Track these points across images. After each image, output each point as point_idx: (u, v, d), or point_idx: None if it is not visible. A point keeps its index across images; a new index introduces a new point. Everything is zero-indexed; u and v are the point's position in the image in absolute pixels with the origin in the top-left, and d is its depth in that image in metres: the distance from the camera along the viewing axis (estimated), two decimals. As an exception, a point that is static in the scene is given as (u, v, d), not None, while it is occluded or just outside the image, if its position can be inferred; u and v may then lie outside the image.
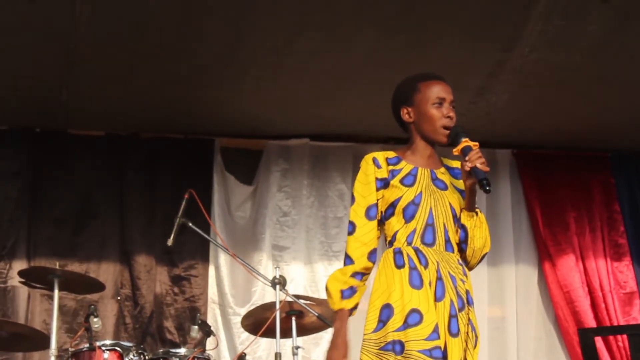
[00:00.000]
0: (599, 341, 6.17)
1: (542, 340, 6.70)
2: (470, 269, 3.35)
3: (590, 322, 6.56)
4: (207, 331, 5.15)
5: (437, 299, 3.17)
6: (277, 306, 4.89)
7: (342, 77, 5.78)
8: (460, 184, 3.32)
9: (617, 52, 5.54)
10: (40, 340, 5.18)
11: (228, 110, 6.22)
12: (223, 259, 6.36)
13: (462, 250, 3.32)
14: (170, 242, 5.14)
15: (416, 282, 3.17)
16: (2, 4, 4.96)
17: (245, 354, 5.22)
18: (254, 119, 6.42)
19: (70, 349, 4.96)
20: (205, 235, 5.36)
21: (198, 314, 5.27)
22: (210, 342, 5.17)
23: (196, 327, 5.13)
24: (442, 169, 3.39)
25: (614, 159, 7.04)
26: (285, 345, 5.10)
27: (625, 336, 6.36)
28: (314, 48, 5.44)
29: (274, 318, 4.88)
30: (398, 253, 3.24)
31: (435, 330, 3.11)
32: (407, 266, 3.20)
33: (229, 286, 6.32)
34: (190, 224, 5.14)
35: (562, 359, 6.67)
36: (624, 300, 6.70)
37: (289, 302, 4.98)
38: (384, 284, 3.22)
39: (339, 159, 6.73)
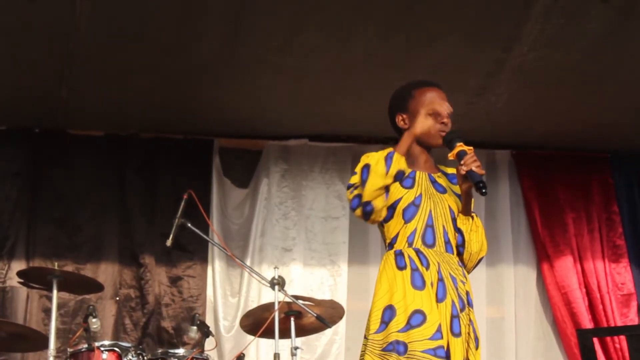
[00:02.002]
0: (596, 343, 6.18)
1: (541, 341, 6.71)
2: (467, 272, 3.39)
3: (588, 324, 6.56)
4: (205, 332, 5.14)
5: (439, 299, 3.20)
6: (276, 307, 4.89)
7: (342, 76, 5.77)
8: (457, 188, 3.38)
9: (617, 51, 5.54)
10: (39, 341, 5.18)
11: (227, 110, 6.22)
12: (220, 261, 6.36)
13: (459, 254, 3.35)
14: (169, 242, 5.13)
15: (418, 283, 3.21)
16: (2, 3, 4.96)
17: (243, 355, 5.22)
18: (253, 119, 6.42)
19: (69, 350, 4.95)
20: (204, 236, 5.35)
21: (197, 315, 5.27)
22: (209, 343, 5.16)
23: (195, 327, 5.13)
24: (439, 174, 3.44)
25: (614, 159, 7.03)
26: (284, 345, 5.10)
27: (622, 338, 6.37)
28: (314, 47, 5.44)
29: (273, 318, 4.88)
30: (399, 255, 3.27)
31: (439, 330, 3.14)
32: (408, 267, 3.23)
33: (220, 292, 6.34)
34: (189, 225, 5.14)
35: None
36: (621, 302, 6.70)
37: (288, 303, 4.98)
38: (386, 285, 3.24)
39: (338, 159, 6.73)
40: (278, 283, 4.97)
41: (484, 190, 3.18)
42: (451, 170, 3.45)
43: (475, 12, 5.16)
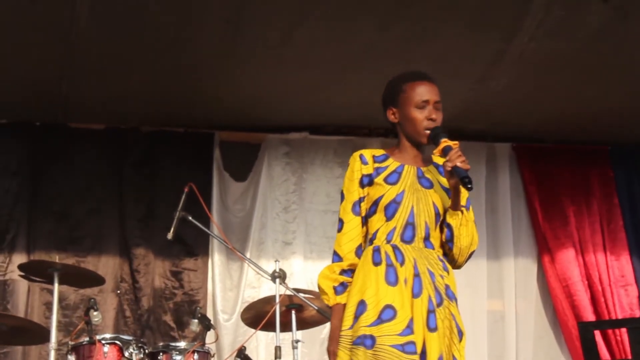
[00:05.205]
0: (597, 335, 6.17)
1: (541, 334, 6.71)
2: (458, 267, 3.37)
3: (590, 316, 6.57)
4: (207, 325, 5.15)
5: (415, 295, 3.19)
6: (277, 300, 4.89)
7: (343, 68, 5.77)
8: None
9: (617, 42, 5.54)
10: (40, 334, 5.18)
11: (228, 103, 6.22)
12: (220, 254, 6.37)
13: (449, 249, 3.33)
14: (170, 235, 5.15)
15: (391, 279, 3.20)
16: (3, -2, 4.97)
17: (244, 347, 5.22)
18: (254, 112, 6.42)
19: (70, 343, 4.96)
20: (205, 229, 5.37)
21: (198, 308, 5.27)
22: (210, 336, 5.17)
23: (196, 320, 5.14)
24: (430, 167, 3.40)
25: (614, 152, 7.04)
26: (285, 338, 5.10)
27: (623, 331, 6.36)
28: (314, 39, 5.43)
29: (274, 312, 4.88)
30: (376, 251, 3.27)
31: (409, 325, 3.13)
32: (383, 263, 3.23)
33: (220, 285, 6.34)
34: (190, 218, 5.15)
35: (561, 353, 6.68)
36: (622, 294, 6.70)
37: (289, 296, 4.99)
38: (361, 281, 3.25)
39: (339, 152, 6.73)
40: (279, 276, 4.98)
41: (469, 186, 3.16)
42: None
43: (476, 3, 5.15)
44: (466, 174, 3.17)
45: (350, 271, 3.32)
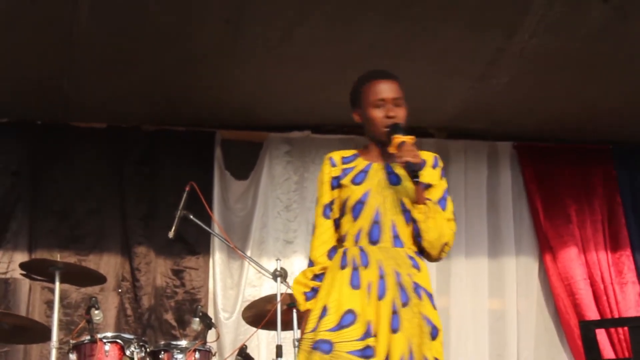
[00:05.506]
0: (601, 333, 6.18)
1: (543, 332, 6.71)
2: (434, 260, 3.36)
3: (592, 314, 6.57)
4: (208, 323, 5.16)
5: (380, 297, 3.19)
6: (278, 298, 4.90)
7: (345, 67, 5.75)
8: (424, 176, 3.31)
9: (618, 39, 5.53)
10: (42, 333, 5.19)
11: (229, 101, 6.22)
12: (221, 253, 6.37)
13: (419, 244, 3.31)
14: (171, 234, 5.16)
15: (355, 282, 3.22)
16: (4, -4, 4.97)
17: (245, 346, 5.23)
18: (256, 111, 6.42)
19: (72, 341, 4.97)
20: (207, 228, 5.38)
21: (199, 306, 5.28)
22: (211, 335, 5.18)
23: (197, 319, 5.14)
24: None
25: (616, 151, 7.04)
26: (286, 337, 5.11)
27: (626, 329, 6.36)
28: (315, 38, 5.43)
29: (275, 310, 4.89)
30: (344, 254, 3.29)
31: (368, 330, 3.13)
32: (349, 267, 3.25)
33: (221, 284, 6.34)
34: (192, 217, 5.16)
35: (562, 351, 6.68)
36: (625, 292, 6.71)
37: (290, 295, 4.99)
38: (328, 285, 3.26)
39: (341, 151, 6.72)
40: (280, 275, 4.99)
41: (415, 180, 3.19)
42: (425, 156, 3.38)
43: (476, 2, 5.15)
44: (414, 168, 3.19)
45: (322, 275, 3.33)
